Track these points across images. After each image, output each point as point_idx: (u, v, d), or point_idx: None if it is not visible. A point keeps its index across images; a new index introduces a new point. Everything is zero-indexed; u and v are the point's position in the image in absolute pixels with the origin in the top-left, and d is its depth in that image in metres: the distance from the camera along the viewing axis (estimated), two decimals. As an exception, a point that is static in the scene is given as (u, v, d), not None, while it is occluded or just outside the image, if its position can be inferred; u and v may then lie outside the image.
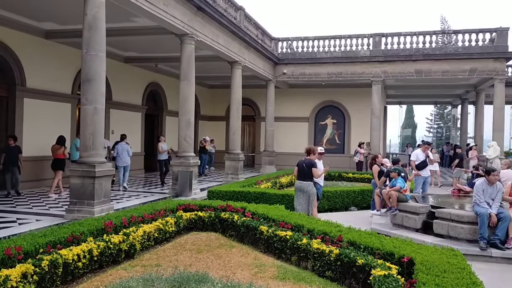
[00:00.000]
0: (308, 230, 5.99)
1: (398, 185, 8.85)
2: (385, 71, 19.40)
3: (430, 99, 33.03)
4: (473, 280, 3.94)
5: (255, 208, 7.31)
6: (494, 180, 7.28)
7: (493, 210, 6.99)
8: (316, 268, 5.34)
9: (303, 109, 23.73)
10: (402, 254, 4.76)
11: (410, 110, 54.31)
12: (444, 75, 18.76)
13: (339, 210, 11.19)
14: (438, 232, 7.55)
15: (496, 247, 6.79)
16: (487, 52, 18.15)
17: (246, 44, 16.52)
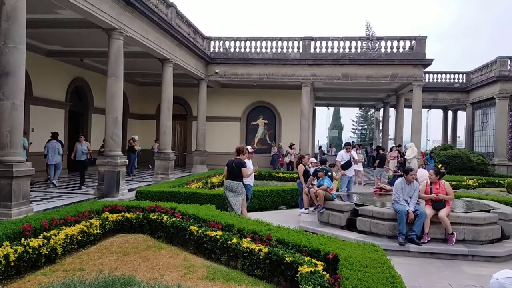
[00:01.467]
0: (238, 229, 6.01)
1: (325, 184, 9.16)
2: (314, 74, 20.03)
3: (356, 102, 34.63)
4: (392, 274, 4.17)
5: (185, 209, 7.21)
6: (412, 179, 7.78)
7: (411, 207, 7.46)
8: (245, 267, 5.37)
9: (235, 109, 23.84)
10: (327, 251, 4.93)
11: (337, 112, 56.50)
12: (368, 79, 19.75)
13: (269, 209, 11.37)
14: (361, 229, 7.93)
15: (413, 242, 7.26)
16: (407, 58, 19.37)
17: (178, 42, 16.26)
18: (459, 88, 28.22)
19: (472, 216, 7.62)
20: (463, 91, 28.07)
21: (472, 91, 27.13)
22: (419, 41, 19.39)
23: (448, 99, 28.68)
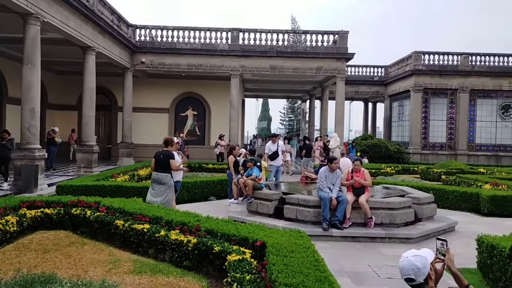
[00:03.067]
0: (166, 221, 5.95)
1: (254, 174, 9.32)
2: (243, 65, 20.15)
3: (283, 94, 35.41)
4: (316, 258, 4.37)
5: (110, 202, 6.98)
6: (335, 168, 8.15)
7: (334, 194, 7.83)
8: (174, 259, 5.35)
9: (163, 100, 23.35)
10: (255, 239, 5.04)
11: (266, 104, 57.36)
12: (295, 71, 20.27)
13: (199, 200, 11.32)
14: (288, 216, 8.18)
15: (336, 227, 7.63)
16: (331, 52, 20.12)
17: (101, 29, 15.55)
18: (378, 81, 29.87)
19: (389, 201, 8.17)
20: (381, 84, 29.76)
21: (390, 84, 28.83)
22: (342, 35, 20.21)
23: (368, 92, 30.26)
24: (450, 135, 25.01)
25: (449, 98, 25.01)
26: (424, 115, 25.00)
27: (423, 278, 2.48)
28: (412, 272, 2.48)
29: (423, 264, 2.50)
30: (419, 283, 2.48)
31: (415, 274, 2.48)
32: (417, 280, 2.48)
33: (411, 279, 2.48)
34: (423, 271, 2.47)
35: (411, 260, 2.51)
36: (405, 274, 2.52)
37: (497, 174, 15.79)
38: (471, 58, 24.86)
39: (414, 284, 2.49)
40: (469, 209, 10.80)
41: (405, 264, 2.53)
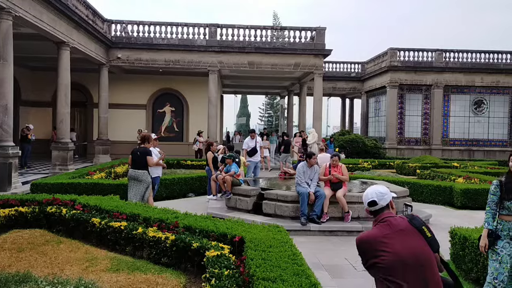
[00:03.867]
0: (144, 218, 5.91)
1: (232, 170, 9.33)
2: (221, 61, 20.08)
3: (262, 90, 35.45)
4: (294, 252, 4.41)
5: (86, 200, 6.89)
6: (313, 163, 8.23)
7: (312, 189, 7.91)
8: (152, 256, 5.32)
9: (140, 96, 23.09)
10: (234, 234, 5.06)
11: (245, 100, 57.41)
12: (273, 67, 20.32)
13: (177, 197, 11.27)
14: (267, 212, 8.23)
15: (314, 222, 7.72)
16: (309, 48, 20.24)
17: (75, 24, 15.26)
18: (355, 77, 30.22)
19: (366, 195, 8.29)
20: (358, 80, 30.12)
21: (366, 80, 29.21)
22: (319, 32, 20.34)
23: (345, 88, 30.59)
24: (425, 130, 25.51)
25: (424, 94, 25.48)
26: (400, 111, 25.42)
27: (385, 203, 2.67)
28: (376, 195, 2.67)
29: (386, 191, 2.71)
30: (381, 207, 2.66)
31: (378, 198, 2.66)
32: (379, 203, 2.66)
33: (373, 202, 2.67)
34: (385, 197, 2.67)
35: (374, 188, 2.73)
36: (369, 198, 2.69)
37: (470, 168, 16.20)
38: (445, 54, 25.38)
39: (376, 210, 2.68)
40: (443, 202, 11.05)
41: (369, 191, 2.73)
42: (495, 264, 3.95)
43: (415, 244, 2.50)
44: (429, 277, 2.46)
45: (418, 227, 2.55)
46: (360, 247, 2.61)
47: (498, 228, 4.02)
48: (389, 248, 2.47)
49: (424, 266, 2.46)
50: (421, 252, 2.48)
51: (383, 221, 2.62)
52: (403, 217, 2.64)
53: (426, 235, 2.54)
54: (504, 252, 3.93)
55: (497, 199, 4.01)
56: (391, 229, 2.55)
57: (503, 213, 4.00)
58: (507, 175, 4.07)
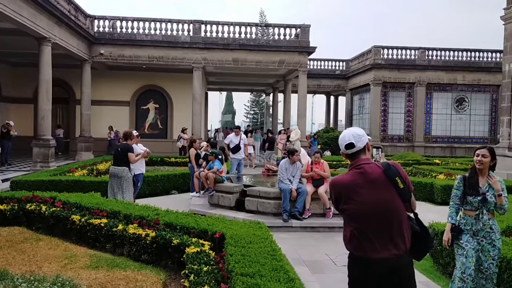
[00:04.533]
0: (125, 216, 5.88)
1: (215, 167, 9.32)
2: (205, 58, 20.01)
3: (247, 87, 35.41)
4: (273, 248, 4.44)
5: (66, 197, 6.82)
6: (296, 160, 8.27)
7: (294, 185, 7.95)
8: (132, 253, 5.30)
9: (124, 93, 22.88)
10: (214, 231, 5.07)
11: (230, 97, 57.31)
12: (258, 65, 20.32)
13: (161, 194, 11.22)
14: (250, 209, 8.25)
15: (296, 218, 7.77)
16: (293, 46, 20.28)
17: (57, 20, 15.03)
18: (339, 75, 30.40)
19: (347, 191, 8.36)
20: (343, 78, 30.30)
21: (351, 78, 29.40)
22: (304, 29, 20.39)
23: (330, 85, 30.76)
24: (408, 127, 25.81)
25: (407, 92, 25.76)
26: (383, 108, 25.66)
27: (363, 145, 2.71)
28: (353, 138, 2.70)
29: (362, 133, 2.75)
30: (359, 149, 2.69)
31: (355, 140, 2.69)
32: (357, 145, 2.69)
33: (351, 144, 2.69)
34: (362, 139, 2.71)
35: (351, 130, 2.77)
36: (346, 141, 2.72)
37: (451, 165, 16.44)
38: (428, 52, 25.68)
39: (353, 153, 2.71)
40: (423, 199, 11.21)
41: (346, 133, 2.77)
42: (462, 259, 4.01)
43: (384, 195, 2.60)
44: (393, 226, 2.59)
45: (391, 178, 2.61)
46: (334, 191, 2.74)
47: (462, 223, 4.08)
48: (358, 197, 2.61)
49: (389, 216, 2.59)
50: (388, 203, 2.59)
51: (358, 168, 2.68)
52: (379, 166, 2.67)
53: (398, 186, 2.61)
54: (468, 247, 4.00)
55: (461, 194, 4.08)
56: (364, 178, 2.63)
57: (466, 208, 4.07)
58: (471, 171, 4.14)
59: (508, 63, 15.58)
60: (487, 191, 4.02)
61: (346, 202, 2.66)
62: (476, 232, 4.01)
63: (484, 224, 3.99)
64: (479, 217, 4.00)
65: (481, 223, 3.99)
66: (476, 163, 4.10)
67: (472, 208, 4.04)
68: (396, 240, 2.60)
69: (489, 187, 4.04)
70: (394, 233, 2.60)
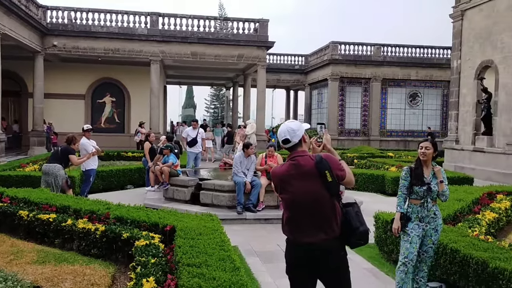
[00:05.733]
0: (74, 210, 5.80)
1: (170, 161, 9.29)
2: (163, 51, 19.76)
3: (207, 81, 35.26)
4: (222, 239, 4.52)
5: (14, 193, 6.63)
6: (251, 153, 8.38)
7: (248, 178, 8.07)
8: (81, 248, 5.25)
9: (79, 86, 22.25)
10: (165, 224, 5.10)
11: (190, 91, 56.76)
12: (217, 58, 20.28)
13: (115, 189, 11.07)
14: (205, 202, 8.30)
15: (250, 211, 7.89)
16: (252, 40, 20.37)
17: (6, 9, 14.44)
18: (298, 70, 30.80)
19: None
20: (302, 73, 30.72)
21: (309, 73, 29.86)
22: (262, 23, 20.52)
23: (289, 80, 31.11)
24: (364, 121, 26.53)
25: (363, 87, 26.46)
26: (341, 103, 26.25)
27: (297, 139, 2.90)
28: (288, 133, 2.87)
29: (297, 127, 2.91)
30: (294, 143, 2.87)
31: (290, 135, 2.87)
32: (292, 140, 2.87)
33: (286, 140, 2.87)
34: (297, 133, 2.88)
35: (287, 125, 2.93)
36: (282, 137, 2.90)
37: (403, 157, 17.07)
38: (383, 49, 26.45)
39: (290, 146, 2.90)
40: (375, 190, 11.62)
41: (282, 128, 2.94)
42: (406, 245, 4.26)
43: (314, 186, 2.80)
44: (321, 214, 2.82)
45: (321, 171, 2.79)
46: (273, 181, 3.03)
47: (409, 211, 4.33)
48: (291, 188, 2.85)
49: (318, 205, 2.82)
50: (317, 193, 2.80)
51: (293, 160, 2.89)
52: (313, 158, 2.87)
53: (327, 179, 2.79)
54: (413, 233, 4.24)
55: (408, 184, 4.31)
56: (297, 170, 2.85)
57: (412, 197, 4.31)
58: (416, 163, 4.39)
59: (456, 59, 16.32)
60: (431, 181, 4.26)
61: (282, 192, 2.91)
62: (422, 218, 4.25)
63: (429, 211, 4.25)
64: (424, 205, 4.25)
65: (426, 211, 4.25)
66: (420, 155, 4.33)
67: (418, 197, 4.27)
68: (324, 227, 2.82)
69: (432, 177, 4.28)
70: (322, 221, 2.83)
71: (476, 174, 13.43)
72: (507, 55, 13.54)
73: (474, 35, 15.29)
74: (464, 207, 6.57)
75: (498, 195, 7.89)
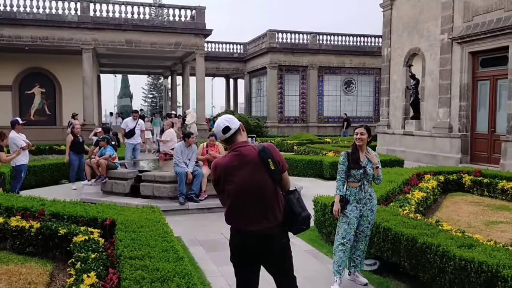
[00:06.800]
0: (6, 208, 5.50)
1: (107, 153, 9.02)
2: (95, 38, 18.96)
3: (144, 70, 34.34)
4: (165, 230, 4.50)
5: None
6: (192, 143, 8.33)
7: (190, 168, 8.03)
8: (16, 247, 5.01)
9: (4, 76, 20.79)
10: (104, 218, 4.99)
11: (126, 80, 55.00)
12: (153, 46, 19.78)
13: (49, 184, 10.58)
14: (145, 194, 8.16)
15: (193, 201, 7.88)
16: (189, 28, 20.07)
17: None
18: (238, 58, 30.80)
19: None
20: (241, 61, 30.76)
21: (248, 61, 29.96)
22: (199, 11, 20.26)
23: (229, 68, 31.05)
24: (302, 109, 27.13)
25: (301, 75, 27.00)
26: (280, 91, 26.63)
27: (237, 126, 2.97)
28: (226, 122, 2.95)
29: (232, 117, 3.01)
30: (235, 130, 2.94)
31: (229, 123, 2.94)
32: (232, 127, 2.94)
33: (227, 128, 2.93)
34: (235, 121, 2.98)
35: (222, 117, 3.02)
36: (221, 126, 2.95)
37: (340, 143, 17.73)
38: (319, 37, 27.08)
39: (230, 135, 2.94)
40: (314, 175, 12.00)
41: (219, 120, 3.00)
42: (344, 226, 4.49)
43: (258, 175, 2.87)
44: (265, 203, 2.89)
45: (264, 160, 2.86)
46: (214, 173, 2.99)
47: (347, 194, 4.54)
48: (235, 178, 2.88)
49: (261, 194, 2.88)
50: (261, 182, 2.87)
51: (236, 150, 2.93)
52: (255, 147, 2.93)
53: (270, 167, 2.87)
54: (352, 215, 4.48)
55: (346, 168, 4.52)
56: (240, 160, 2.89)
57: (350, 180, 4.53)
58: (353, 147, 4.60)
59: (387, 47, 17.09)
60: (367, 164, 4.49)
61: (226, 183, 2.92)
62: (359, 200, 4.48)
63: (366, 193, 4.48)
64: (361, 188, 4.48)
65: (363, 193, 4.49)
66: (356, 140, 4.55)
67: (355, 180, 4.48)
68: (268, 215, 2.91)
69: (368, 161, 4.51)
70: (266, 209, 2.91)
71: (406, 156, 14.25)
72: (433, 43, 14.38)
73: (402, 23, 16.07)
74: (395, 188, 6.99)
75: (426, 175, 8.46)
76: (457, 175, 8.80)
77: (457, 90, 13.28)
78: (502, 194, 7.91)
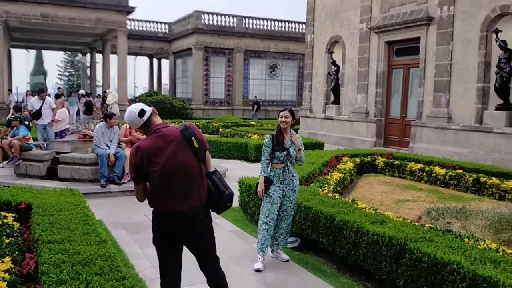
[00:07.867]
0: None
1: (20, 133, 8.45)
2: (6, 10, 17.45)
3: (60, 46, 32.22)
4: (86, 213, 4.36)
5: None
6: (113, 124, 8.05)
7: (112, 150, 7.78)
8: None
9: None
10: (19, 201, 4.72)
11: (40, 56, 51.26)
12: (71, 22, 18.66)
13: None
14: (63, 177, 7.79)
15: (115, 183, 7.66)
16: (111, 3, 19.17)
17: None
18: (162, 37, 29.97)
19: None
20: (166, 41, 29.98)
21: (174, 41, 29.29)
22: (122, -14, 19.38)
23: (153, 48, 30.14)
24: (228, 91, 27.18)
25: (227, 57, 26.96)
26: (206, 73, 26.42)
27: (150, 108, 2.97)
28: (138, 106, 2.91)
29: (141, 103, 3.00)
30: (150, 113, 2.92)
31: (142, 106, 2.92)
32: (146, 110, 2.91)
33: (142, 111, 2.89)
34: (146, 106, 2.96)
35: (129, 107, 2.98)
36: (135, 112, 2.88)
37: (264, 126, 18.09)
38: (245, 20, 27.13)
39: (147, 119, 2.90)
40: (239, 157, 12.16)
41: (129, 110, 2.94)
42: (268, 205, 4.65)
43: (183, 154, 2.88)
44: (190, 182, 2.90)
45: (187, 138, 2.89)
46: (135, 157, 2.85)
47: (271, 175, 4.70)
48: (159, 159, 2.82)
49: (187, 174, 2.89)
50: (186, 161, 2.88)
51: (157, 132, 2.90)
52: (177, 127, 2.94)
53: (194, 145, 2.90)
54: (275, 195, 4.65)
55: (270, 150, 4.67)
56: (164, 141, 2.86)
57: (274, 162, 4.69)
58: (277, 130, 4.76)
59: (310, 34, 17.58)
60: (290, 147, 4.65)
61: (149, 165, 2.83)
62: (282, 181, 4.65)
63: (289, 174, 4.66)
64: (285, 169, 4.65)
65: (286, 174, 4.65)
66: (281, 123, 4.69)
67: (279, 161, 4.64)
68: (192, 195, 2.93)
69: (291, 144, 4.68)
70: (191, 188, 2.93)
71: (327, 139, 14.91)
72: (353, 32, 15.05)
73: (325, 11, 16.60)
74: (316, 169, 7.34)
75: (343, 157, 8.97)
76: (371, 157, 9.43)
77: (374, 77, 14.07)
78: (410, 175, 8.63)
